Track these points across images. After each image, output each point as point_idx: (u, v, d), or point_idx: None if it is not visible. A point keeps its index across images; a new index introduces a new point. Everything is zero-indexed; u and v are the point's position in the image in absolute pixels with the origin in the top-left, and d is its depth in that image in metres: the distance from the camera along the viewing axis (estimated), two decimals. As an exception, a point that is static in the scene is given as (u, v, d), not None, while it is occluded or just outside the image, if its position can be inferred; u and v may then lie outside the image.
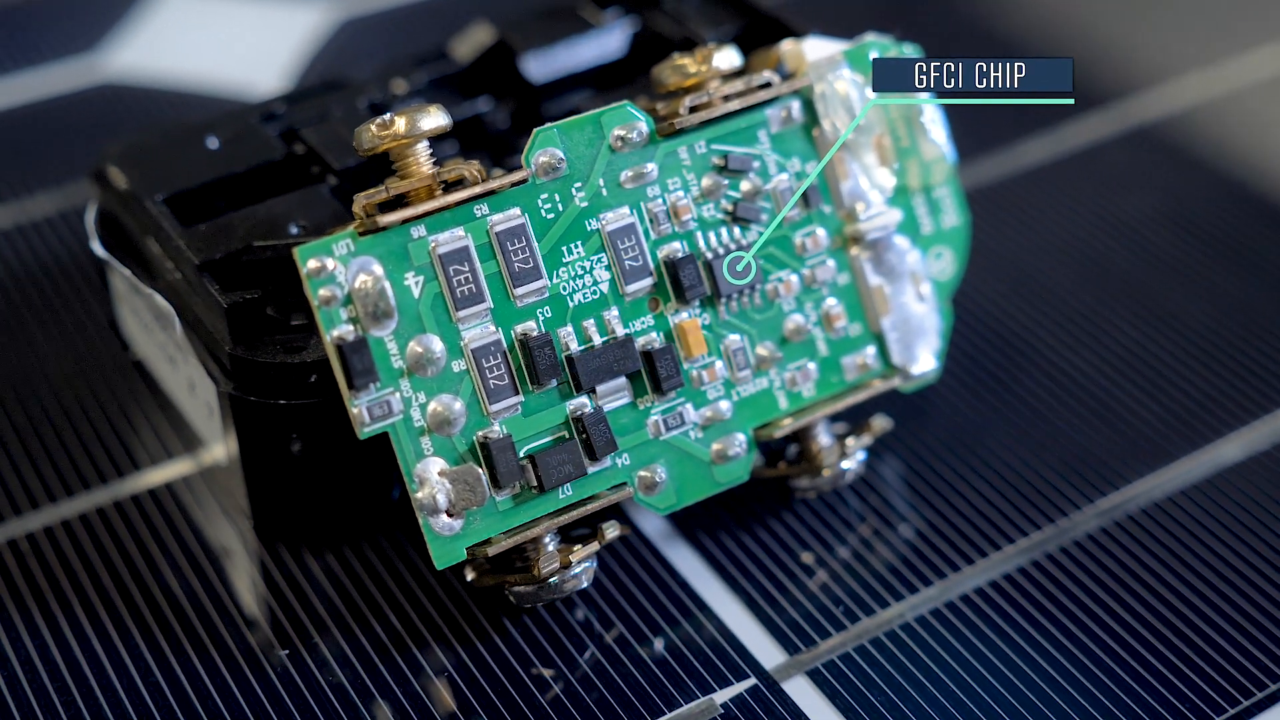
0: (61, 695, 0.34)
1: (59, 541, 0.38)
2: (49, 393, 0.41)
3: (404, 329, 0.33)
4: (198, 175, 0.37)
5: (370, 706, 0.34)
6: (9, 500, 0.39)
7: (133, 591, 0.36)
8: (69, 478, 0.39)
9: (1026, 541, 0.38)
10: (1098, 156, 0.49)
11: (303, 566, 0.37)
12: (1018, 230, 0.47)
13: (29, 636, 0.35)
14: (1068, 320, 0.44)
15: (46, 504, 0.38)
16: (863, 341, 0.37)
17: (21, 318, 0.44)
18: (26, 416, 0.41)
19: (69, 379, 0.41)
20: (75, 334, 0.43)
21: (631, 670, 0.35)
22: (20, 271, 0.45)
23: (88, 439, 0.40)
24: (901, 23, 0.41)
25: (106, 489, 0.39)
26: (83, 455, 0.40)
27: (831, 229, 0.37)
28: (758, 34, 0.41)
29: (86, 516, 0.38)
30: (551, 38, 0.42)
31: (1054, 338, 0.43)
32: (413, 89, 0.41)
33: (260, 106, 0.40)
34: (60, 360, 0.42)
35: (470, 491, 0.33)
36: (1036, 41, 0.55)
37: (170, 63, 0.54)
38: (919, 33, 0.40)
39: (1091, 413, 0.41)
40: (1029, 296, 0.44)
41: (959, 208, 0.38)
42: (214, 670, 0.35)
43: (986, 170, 0.49)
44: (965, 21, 0.56)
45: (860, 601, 0.36)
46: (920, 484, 0.39)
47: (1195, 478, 0.39)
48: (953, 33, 0.55)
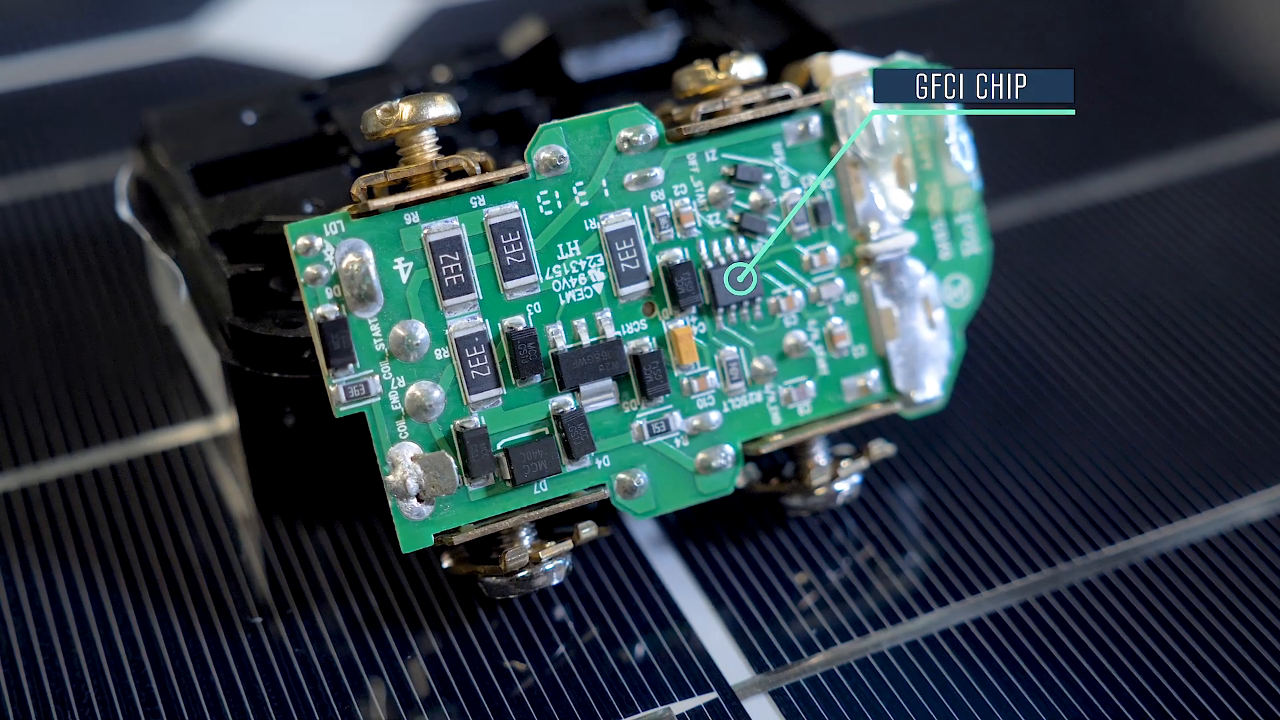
0: (42, 640, 0.35)
1: (68, 493, 0.39)
2: (79, 348, 0.43)
3: (389, 313, 0.33)
4: (227, 148, 0.38)
5: (333, 680, 0.35)
6: (28, 449, 0.40)
7: (127, 547, 0.37)
8: (89, 432, 0.40)
9: (1022, 582, 0.37)
10: (1165, 198, 0.48)
11: (294, 538, 0.38)
12: (1070, 263, 0.46)
13: (22, 579, 0.37)
14: (1106, 359, 0.42)
15: (63, 454, 0.40)
16: (867, 364, 0.37)
17: (76, 274, 0.45)
18: (61, 368, 0.42)
19: (102, 336, 0.43)
20: (121, 294, 0.44)
21: (596, 673, 0.35)
22: (83, 231, 0.47)
23: (112, 396, 0.41)
24: (985, 52, 0.41)
25: (121, 445, 0.40)
26: (105, 411, 0.41)
27: (843, 247, 0.36)
28: (804, 47, 0.41)
29: (98, 471, 0.39)
30: (598, 38, 0.42)
31: (1089, 375, 0.42)
32: (455, 78, 0.41)
33: (302, 85, 0.41)
34: (104, 318, 0.43)
35: (440, 478, 0.33)
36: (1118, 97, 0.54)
37: (263, 39, 0.55)
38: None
39: (1114, 456, 0.40)
40: (1070, 331, 0.43)
41: (981, 236, 0.38)
42: (188, 629, 0.36)
43: (1050, 202, 0.48)
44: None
45: (839, 627, 0.36)
46: (923, 513, 0.38)
47: (1208, 534, 0.38)
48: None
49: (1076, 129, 0.51)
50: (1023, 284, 0.45)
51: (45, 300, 0.44)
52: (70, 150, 0.50)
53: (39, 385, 0.42)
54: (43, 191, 0.48)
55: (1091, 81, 0.53)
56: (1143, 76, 0.54)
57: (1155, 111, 0.51)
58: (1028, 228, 0.47)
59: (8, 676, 0.35)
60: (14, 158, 0.50)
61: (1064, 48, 0.54)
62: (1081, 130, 0.51)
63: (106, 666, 0.35)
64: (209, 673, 0.35)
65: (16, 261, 0.45)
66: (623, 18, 0.43)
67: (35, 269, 0.45)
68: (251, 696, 0.34)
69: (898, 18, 0.55)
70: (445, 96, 0.34)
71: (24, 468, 0.39)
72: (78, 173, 0.49)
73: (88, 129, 0.51)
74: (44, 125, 0.51)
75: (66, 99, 0.52)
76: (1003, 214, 0.47)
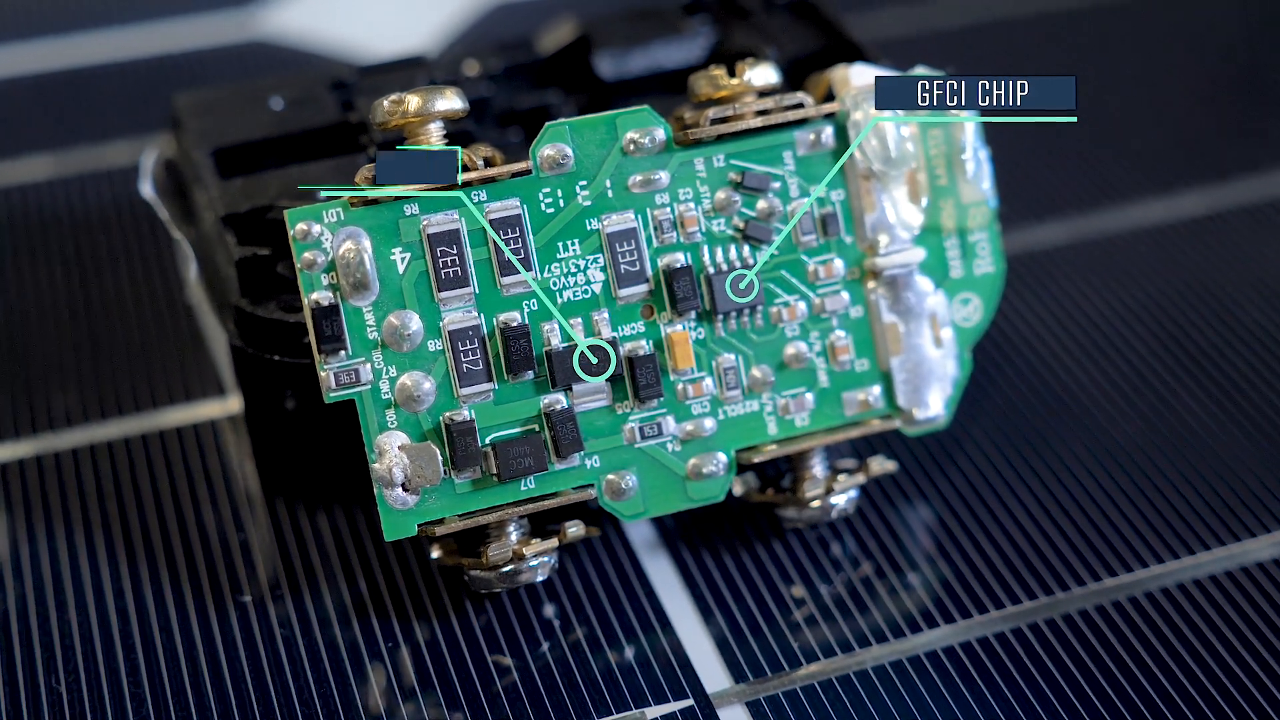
0: (38, 605, 0.36)
1: (80, 463, 0.39)
2: (109, 321, 0.43)
3: (384, 302, 0.34)
4: (250, 132, 0.39)
5: (314, 663, 0.35)
6: (47, 418, 0.41)
7: (130, 520, 0.38)
8: (107, 404, 0.41)
9: (1018, 608, 0.36)
10: (1214, 227, 0.47)
11: (294, 520, 0.38)
12: (1107, 288, 0.45)
13: (26, 544, 0.37)
14: (1131, 387, 0.42)
15: (80, 424, 0.40)
16: (869, 379, 0.36)
17: (114, 249, 0.46)
18: (90, 340, 0.43)
19: (131, 311, 0.43)
20: (155, 271, 0.45)
21: (575, 673, 0.35)
22: (125, 208, 0.48)
23: (135, 370, 0.42)
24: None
25: (137, 419, 0.41)
26: (126, 385, 0.42)
27: (850, 260, 0.36)
28: (835, 58, 0.41)
29: (111, 444, 0.40)
30: (629, 39, 0.42)
31: (1111, 402, 0.41)
32: (485, 73, 0.41)
33: (332, 74, 0.41)
34: (134, 294, 0.44)
35: (425, 469, 0.34)
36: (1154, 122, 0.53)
37: (324, 27, 0.56)
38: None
39: (1126, 486, 0.39)
40: (1097, 356, 0.42)
41: (995, 256, 0.37)
42: (180, 603, 0.36)
43: (1095, 224, 0.47)
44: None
45: (825, 643, 0.35)
46: (924, 533, 0.38)
47: (1214, 570, 0.37)
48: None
49: (1132, 153, 0.50)
50: (1055, 306, 0.44)
51: (81, 272, 0.45)
52: (124, 129, 0.51)
53: (66, 355, 0.42)
54: (93, 168, 0.49)
55: (1149, 105, 0.52)
56: (1203, 103, 0.53)
57: (1210, 140, 0.50)
58: (1069, 249, 0.46)
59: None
60: (70, 133, 0.51)
61: (1116, 70, 0.53)
62: (1137, 154, 0.50)
63: (97, 635, 0.35)
64: (194, 647, 0.35)
65: (59, 233, 0.46)
66: (658, 20, 0.43)
67: (76, 241, 0.46)
68: (232, 673, 0.35)
69: (947, 35, 0.55)
70: (454, 90, 0.34)
71: (41, 435, 0.40)
72: (126, 151, 0.50)
73: (141, 109, 0.52)
74: (100, 103, 0.52)
75: (127, 78, 0.53)
76: (1044, 234, 0.47)
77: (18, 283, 0.45)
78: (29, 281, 0.45)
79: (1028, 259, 0.46)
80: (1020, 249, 0.46)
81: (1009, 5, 0.57)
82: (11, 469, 0.39)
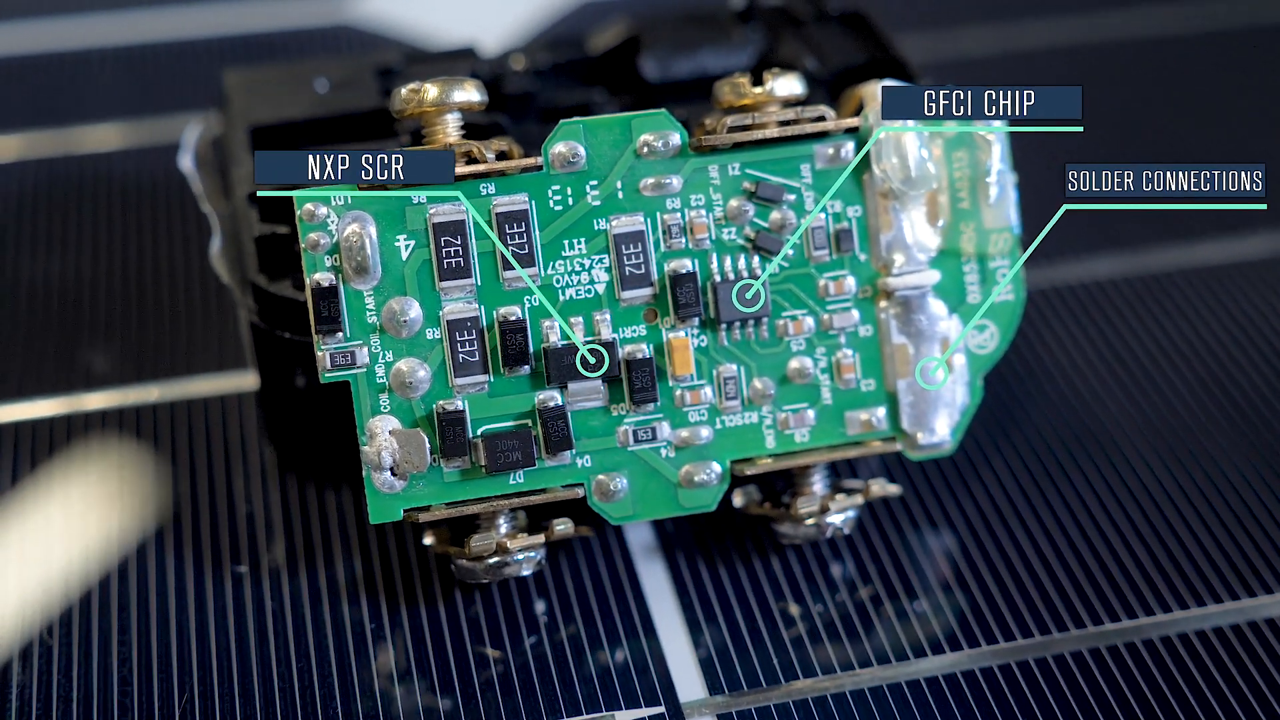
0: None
1: (106, 425, 0.40)
2: (157, 289, 0.44)
3: (385, 287, 0.34)
4: (289, 112, 0.39)
5: (299, 637, 0.35)
6: (83, 379, 0.42)
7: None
8: (142, 369, 0.42)
9: (1010, 645, 0.35)
10: (1273, 270, 0.45)
11: (302, 497, 0.39)
12: (1156, 325, 0.44)
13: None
14: (1166, 426, 0.40)
15: (113, 386, 0.41)
16: (874, 399, 0.36)
17: (171, 217, 0.47)
18: (137, 305, 0.44)
19: (180, 280, 0.44)
20: (202, 243, 0.46)
21: (552, 671, 0.35)
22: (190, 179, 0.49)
23: (174, 337, 0.43)
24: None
25: (165, 385, 0.42)
26: (163, 351, 0.43)
27: (863, 278, 0.36)
28: (879, 73, 0.40)
29: (139, 409, 0.41)
30: (677, 43, 0.42)
31: (1141, 442, 0.40)
32: (530, 68, 0.42)
33: (381, 60, 0.41)
34: (186, 263, 0.45)
35: (413, 455, 0.34)
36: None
37: (411, 15, 0.57)
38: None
39: (1143, 529, 0.38)
40: (1135, 393, 0.41)
41: (1016, 284, 0.36)
42: (179, 569, 0.37)
43: (1153, 260, 0.46)
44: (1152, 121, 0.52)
45: (807, 663, 0.35)
46: (927, 559, 0.37)
47: (1217, 623, 0.36)
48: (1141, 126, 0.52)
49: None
50: (1099, 339, 0.43)
51: (138, 240, 0.46)
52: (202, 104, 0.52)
53: (109, 319, 0.43)
54: (165, 140, 0.50)
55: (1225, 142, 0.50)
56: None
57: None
58: (1124, 282, 0.45)
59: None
60: (150, 105, 0.52)
61: (1177, 101, 0.52)
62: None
63: (95, 594, 0.36)
64: (185, 612, 0.36)
65: (124, 197, 0.48)
66: (710, 25, 0.42)
67: (139, 207, 0.47)
68: (219, 643, 0.35)
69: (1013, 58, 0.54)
70: (473, 83, 0.35)
71: (73, 394, 0.41)
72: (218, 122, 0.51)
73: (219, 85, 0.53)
74: (182, 77, 0.53)
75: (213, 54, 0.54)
76: (1099, 266, 0.46)
77: (77, 245, 0.46)
78: (87, 245, 0.46)
79: (1080, 290, 0.45)
80: (1073, 279, 0.45)
81: (1079, 31, 0.56)
82: (41, 426, 0.40)
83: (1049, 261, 0.46)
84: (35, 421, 0.41)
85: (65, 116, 0.51)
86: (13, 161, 0.49)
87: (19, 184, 0.48)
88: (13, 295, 0.44)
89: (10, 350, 0.43)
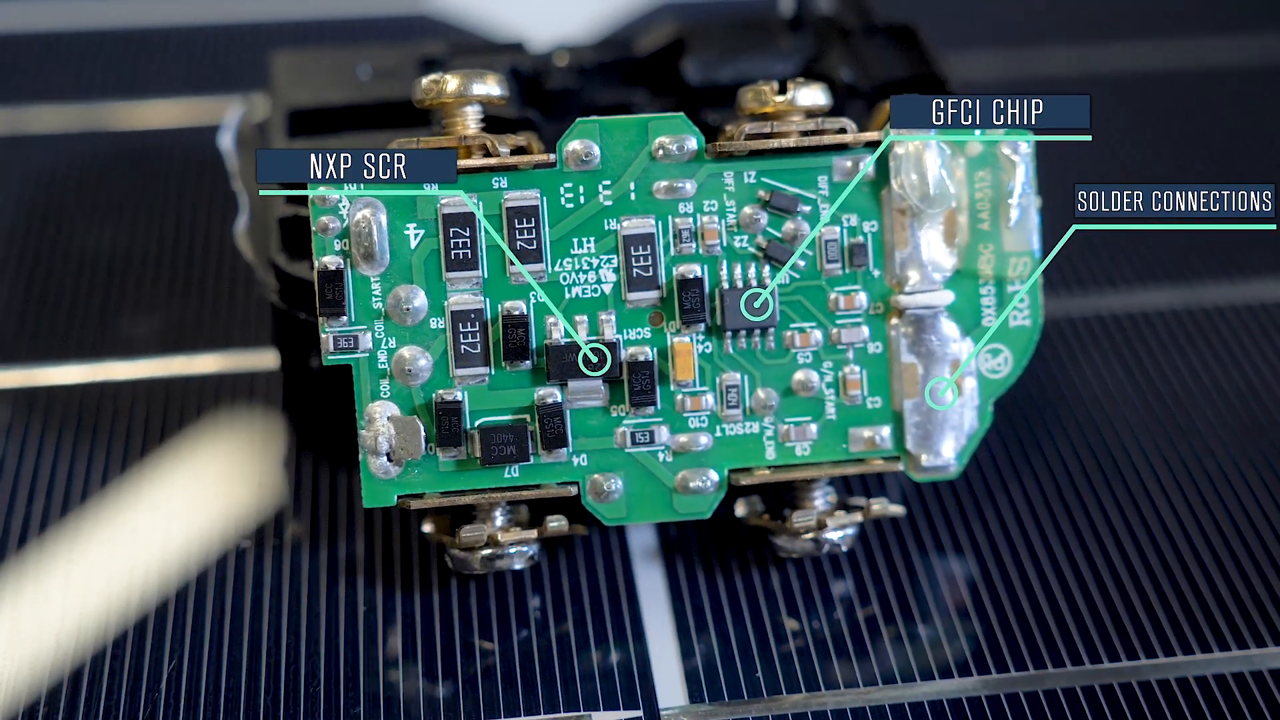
0: (43, 520, 0.38)
1: (135, 394, 0.41)
2: (203, 261, 0.45)
3: (392, 274, 0.34)
4: (328, 97, 0.40)
5: (293, 615, 0.36)
6: (117, 346, 0.43)
7: (168, 454, 0.40)
8: (181, 341, 0.43)
9: (1002, 676, 0.35)
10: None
11: (315, 477, 0.39)
12: (1200, 361, 0.42)
13: (67, 464, 0.39)
14: (1197, 467, 0.39)
15: (145, 356, 0.42)
16: (880, 417, 0.35)
17: (221, 198, 0.48)
18: (174, 278, 0.45)
19: (225, 254, 0.45)
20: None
21: (536, 667, 0.35)
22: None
23: (218, 312, 0.44)
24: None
25: (197, 358, 0.42)
26: (203, 325, 0.43)
27: (875, 294, 0.35)
28: (921, 88, 0.40)
29: (170, 380, 0.42)
30: (722, 48, 0.41)
31: (1167, 478, 0.39)
32: (575, 65, 0.42)
33: (426, 50, 0.42)
34: (224, 238, 0.46)
35: (408, 442, 0.34)
36: None
37: (490, 8, 0.57)
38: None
39: (1156, 568, 0.37)
40: (1167, 430, 0.40)
41: (1033, 310, 0.35)
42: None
43: (1206, 295, 0.45)
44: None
45: (792, 678, 0.35)
46: (928, 582, 0.37)
47: (1218, 670, 0.35)
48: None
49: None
50: (1139, 371, 0.42)
51: (192, 213, 0.47)
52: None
53: (151, 291, 0.44)
54: (231, 117, 0.51)
55: None
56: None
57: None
58: (1171, 314, 0.44)
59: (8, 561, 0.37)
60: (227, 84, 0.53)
61: (1234, 133, 0.51)
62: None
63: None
64: (186, 581, 0.36)
65: (180, 171, 0.49)
66: (758, 32, 0.42)
67: (196, 185, 0.48)
68: (214, 614, 0.36)
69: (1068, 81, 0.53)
70: (495, 77, 0.35)
71: (105, 361, 0.42)
72: (264, 105, 0.52)
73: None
74: (253, 58, 0.54)
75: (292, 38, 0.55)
76: (1148, 298, 0.45)
77: (131, 216, 0.47)
78: (140, 216, 0.47)
79: (1126, 320, 0.44)
80: (1119, 309, 0.44)
81: (1140, 59, 0.55)
82: (74, 392, 0.41)
83: (1099, 290, 0.45)
84: (68, 386, 0.42)
85: (132, 90, 0.52)
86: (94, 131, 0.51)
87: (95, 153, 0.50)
88: (63, 262, 0.45)
89: (55, 314, 0.44)
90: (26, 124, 0.51)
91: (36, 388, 0.42)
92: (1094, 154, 0.50)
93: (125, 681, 0.34)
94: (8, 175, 0.48)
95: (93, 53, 0.54)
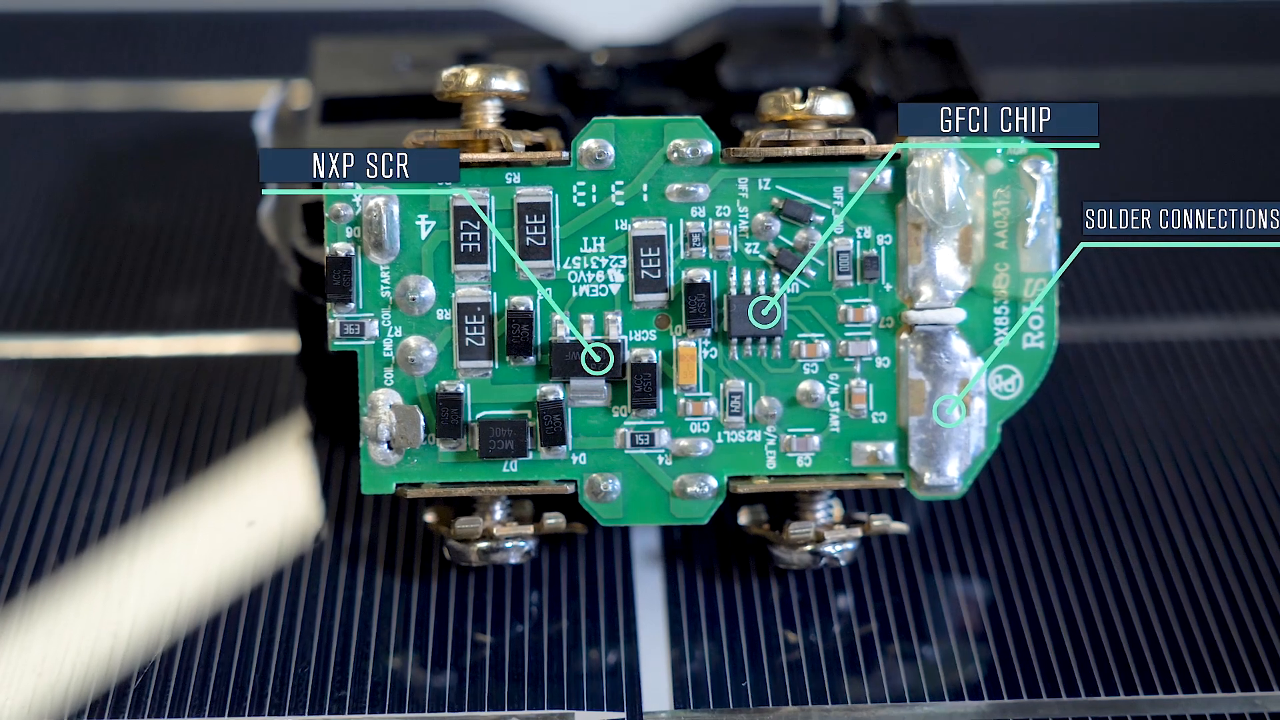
0: (61, 492, 0.39)
1: (164, 370, 0.42)
2: (247, 242, 0.46)
3: (401, 264, 0.34)
4: (362, 86, 0.40)
5: (292, 593, 0.36)
6: (152, 322, 0.43)
7: (187, 433, 0.40)
8: (217, 320, 0.44)
9: (993, 703, 0.34)
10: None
11: (329, 461, 0.39)
12: (1235, 393, 0.41)
13: (90, 437, 0.40)
14: (1223, 503, 0.38)
15: (177, 333, 0.43)
16: (884, 433, 0.35)
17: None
18: (221, 257, 0.45)
19: (253, 238, 0.46)
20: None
21: (524, 663, 0.35)
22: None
23: (221, 291, 0.44)
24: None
25: (228, 338, 0.43)
26: (239, 304, 0.44)
27: (886, 308, 0.35)
28: (953, 102, 0.39)
29: (202, 359, 0.42)
30: (762, 53, 0.41)
31: (1193, 513, 0.38)
32: (612, 64, 0.42)
33: (466, 42, 0.42)
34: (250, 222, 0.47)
35: (407, 431, 0.34)
36: None
37: (556, 3, 0.57)
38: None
39: (1166, 603, 0.36)
40: (1197, 462, 0.39)
41: (1048, 333, 0.35)
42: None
43: (1250, 327, 0.44)
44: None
45: (781, 691, 0.34)
46: (930, 602, 0.36)
47: (1217, 709, 0.34)
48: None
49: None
50: (1173, 401, 0.41)
51: (239, 194, 0.48)
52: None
53: (193, 269, 0.45)
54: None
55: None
56: None
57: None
58: (1212, 344, 0.43)
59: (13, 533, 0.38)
60: (275, 69, 0.53)
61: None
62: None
63: (115, 533, 0.38)
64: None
65: (227, 153, 0.49)
66: (798, 38, 0.42)
67: (235, 164, 0.49)
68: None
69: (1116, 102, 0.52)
70: (516, 73, 0.35)
71: (140, 336, 0.43)
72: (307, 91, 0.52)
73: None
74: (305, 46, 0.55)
75: (353, 26, 0.56)
76: (1191, 327, 0.44)
77: (180, 195, 0.48)
78: (186, 196, 0.48)
79: (1165, 348, 0.43)
80: (1158, 337, 0.43)
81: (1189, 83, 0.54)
82: (107, 366, 0.42)
83: (1140, 316, 0.44)
84: (103, 359, 0.42)
85: (187, 71, 0.53)
86: (146, 110, 0.52)
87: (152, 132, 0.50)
88: (109, 237, 0.46)
89: (96, 287, 0.45)
90: (81, 100, 0.52)
91: (71, 359, 0.43)
92: (1152, 174, 0.49)
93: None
94: (60, 149, 0.49)
95: (148, 33, 0.55)
